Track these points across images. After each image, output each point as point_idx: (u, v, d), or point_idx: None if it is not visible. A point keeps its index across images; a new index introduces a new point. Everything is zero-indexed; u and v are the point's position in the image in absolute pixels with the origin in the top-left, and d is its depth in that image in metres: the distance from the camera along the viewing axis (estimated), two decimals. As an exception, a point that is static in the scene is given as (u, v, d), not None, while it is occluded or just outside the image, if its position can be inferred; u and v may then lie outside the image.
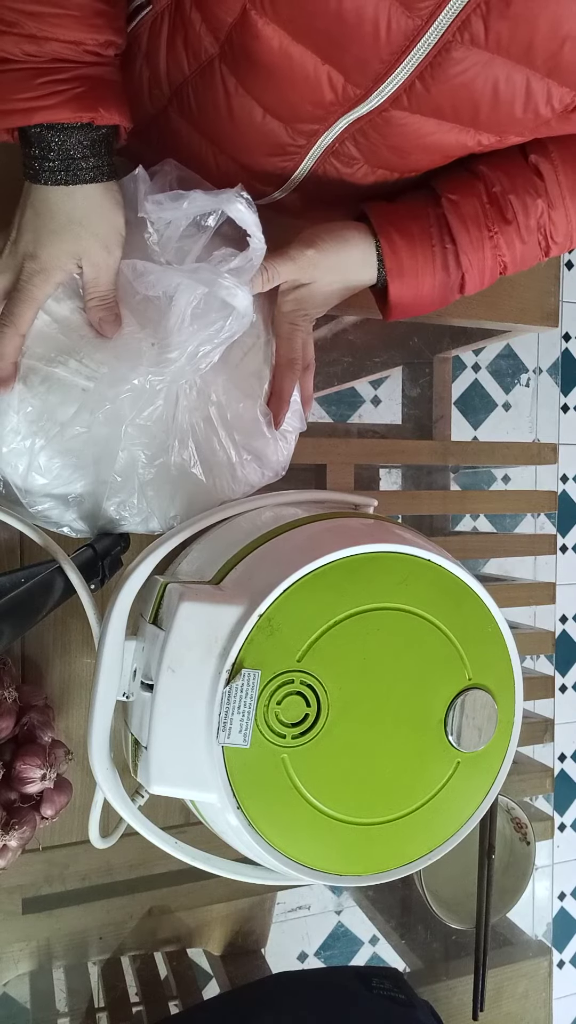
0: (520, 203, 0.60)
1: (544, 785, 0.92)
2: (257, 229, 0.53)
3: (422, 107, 0.51)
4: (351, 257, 0.60)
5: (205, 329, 0.53)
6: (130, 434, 0.55)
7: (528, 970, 0.87)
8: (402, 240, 0.59)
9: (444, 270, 0.61)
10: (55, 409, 0.54)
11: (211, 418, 0.59)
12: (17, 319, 0.52)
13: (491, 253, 0.61)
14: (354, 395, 1.72)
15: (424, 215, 0.60)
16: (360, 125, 0.53)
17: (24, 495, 0.57)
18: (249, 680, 0.46)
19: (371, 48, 0.47)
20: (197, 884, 0.75)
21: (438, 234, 0.60)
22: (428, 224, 0.60)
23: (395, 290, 0.61)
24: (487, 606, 0.53)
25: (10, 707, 0.59)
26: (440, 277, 0.61)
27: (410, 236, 0.59)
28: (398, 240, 0.59)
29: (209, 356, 0.55)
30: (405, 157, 0.57)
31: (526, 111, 0.51)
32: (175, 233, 0.55)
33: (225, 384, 0.59)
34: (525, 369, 1.92)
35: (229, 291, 0.52)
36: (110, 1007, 0.75)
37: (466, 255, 0.60)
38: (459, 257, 0.60)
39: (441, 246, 0.60)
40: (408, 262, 0.60)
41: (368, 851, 0.51)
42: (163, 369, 0.53)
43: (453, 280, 0.61)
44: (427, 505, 0.84)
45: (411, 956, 0.88)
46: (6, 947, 0.70)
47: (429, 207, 0.60)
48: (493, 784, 0.55)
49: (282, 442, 0.63)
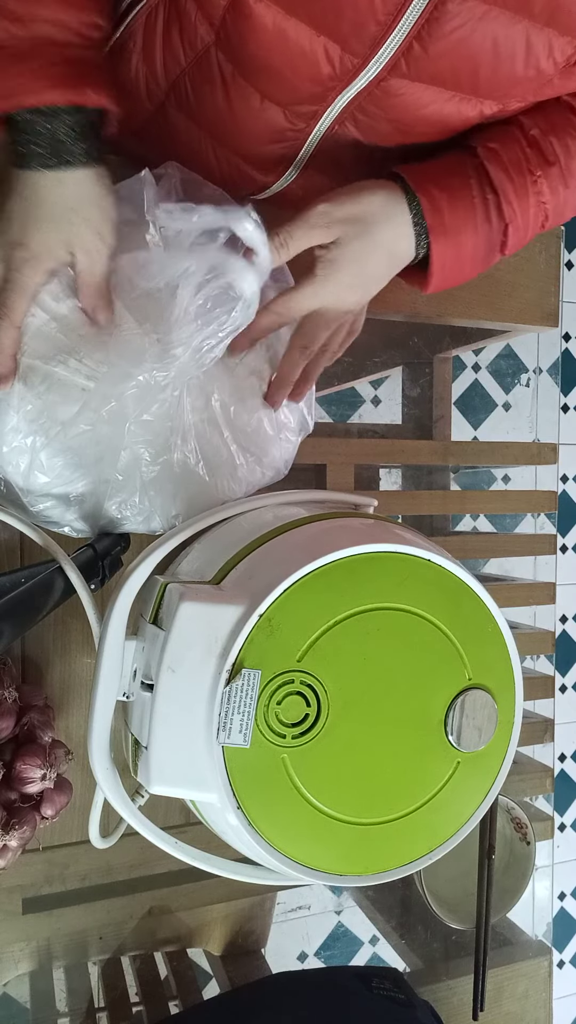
0: (561, 144, 0.57)
1: (544, 785, 0.92)
2: (264, 248, 0.52)
3: (420, 73, 0.50)
4: (372, 203, 0.55)
5: (209, 324, 0.53)
6: (133, 432, 0.55)
7: (528, 970, 0.87)
8: (442, 194, 0.55)
9: (487, 222, 0.57)
10: (55, 408, 0.54)
11: (215, 418, 0.59)
12: (10, 311, 0.51)
13: (534, 200, 0.58)
14: (354, 395, 1.72)
15: (460, 168, 0.57)
16: (359, 101, 0.52)
17: (25, 494, 0.57)
18: (249, 680, 0.46)
19: (367, 10, 0.46)
20: (197, 884, 0.75)
21: (478, 185, 0.56)
22: (467, 176, 0.56)
23: (438, 251, 0.56)
24: (487, 606, 0.53)
25: (10, 707, 0.59)
26: (483, 231, 0.57)
27: (450, 189, 0.56)
28: (437, 194, 0.55)
29: (214, 351, 0.54)
30: (406, 132, 0.55)
31: (527, 67, 0.49)
32: (185, 241, 0.54)
33: (228, 383, 0.59)
34: (525, 369, 1.92)
35: (240, 273, 0.51)
36: (110, 1007, 0.75)
37: (510, 204, 0.57)
38: (502, 208, 0.57)
39: (482, 197, 0.56)
40: (450, 217, 0.56)
41: (368, 851, 0.51)
42: (168, 365, 0.53)
43: (495, 234, 0.58)
44: (427, 505, 0.84)
45: (411, 956, 0.88)
46: (6, 947, 0.70)
47: (465, 159, 0.57)
48: (493, 784, 0.55)
49: (285, 442, 0.63)
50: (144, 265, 0.53)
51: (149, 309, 0.54)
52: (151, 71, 0.56)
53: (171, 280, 0.52)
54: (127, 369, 0.53)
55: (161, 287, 0.53)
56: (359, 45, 0.48)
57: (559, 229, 0.87)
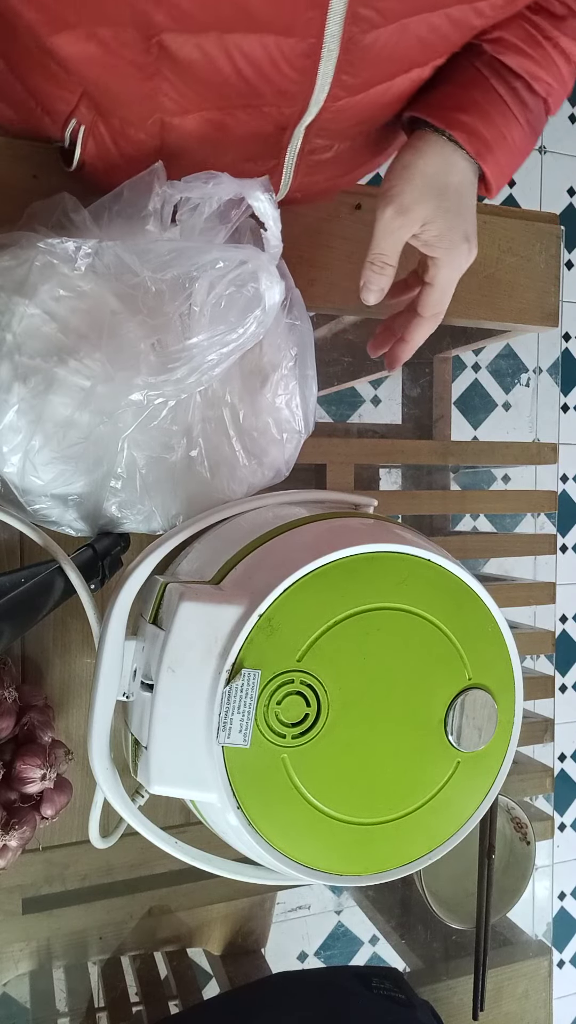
0: None
1: (544, 785, 0.92)
2: (276, 225, 0.52)
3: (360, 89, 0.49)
4: (420, 169, 0.53)
5: (225, 332, 0.51)
6: (134, 434, 0.55)
7: (528, 970, 0.87)
8: (470, 115, 0.53)
9: (524, 109, 0.55)
10: (55, 408, 0.54)
11: (222, 419, 0.58)
12: None
13: (562, 61, 0.54)
14: (354, 395, 1.72)
15: (475, 76, 0.54)
16: (314, 130, 0.53)
17: (23, 494, 0.56)
18: (249, 680, 0.46)
19: (280, 107, 0.49)
20: (197, 884, 0.75)
21: (500, 81, 0.54)
22: (484, 79, 0.53)
23: (491, 164, 0.55)
24: (487, 606, 0.53)
25: (10, 707, 0.59)
26: (524, 117, 0.55)
27: (475, 105, 0.53)
28: (466, 119, 0.53)
29: (219, 367, 0.52)
30: (383, 113, 0.55)
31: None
32: (199, 222, 0.54)
33: (238, 385, 0.59)
34: (525, 369, 1.92)
35: (269, 274, 0.50)
36: (110, 1007, 0.75)
37: (539, 80, 0.54)
38: (533, 88, 0.54)
39: (509, 90, 0.54)
40: (488, 132, 0.53)
41: (368, 851, 0.51)
42: (163, 384, 0.52)
43: (538, 111, 0.56)
44: (427, 505, 0.84)
45: (411, 956, 0.88)
46: (6, 947, 0.70)
47: (475, 63, 0.54)
48: (493, 784, 0.55)
49: (286, 443, 0.63)
50: (161, 255, 0.51)
51: (150, 303, 0.53)
52: (125, 158, 0.58)
53: (189, 270, 0.51)
54: (124, 383, 0.52)
55: (167, 279, 0.52)
56: (290, 112, 0.50)
57: (559, 229, 0.87)
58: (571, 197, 2.06)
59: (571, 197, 2.06)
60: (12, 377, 0.53)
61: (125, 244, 0.52)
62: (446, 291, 0.59)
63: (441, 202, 0.54)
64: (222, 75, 0.47)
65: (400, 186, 0.54)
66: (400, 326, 0.64)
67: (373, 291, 0.57)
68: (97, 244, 0.52)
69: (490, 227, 0.83)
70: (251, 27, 0.44)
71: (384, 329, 0.67)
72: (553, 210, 1.84)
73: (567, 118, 2.04)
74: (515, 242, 0.85)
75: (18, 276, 0.53)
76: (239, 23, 0.43)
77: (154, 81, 0.48)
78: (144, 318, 0.53)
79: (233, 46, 0.45)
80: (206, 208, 0.54)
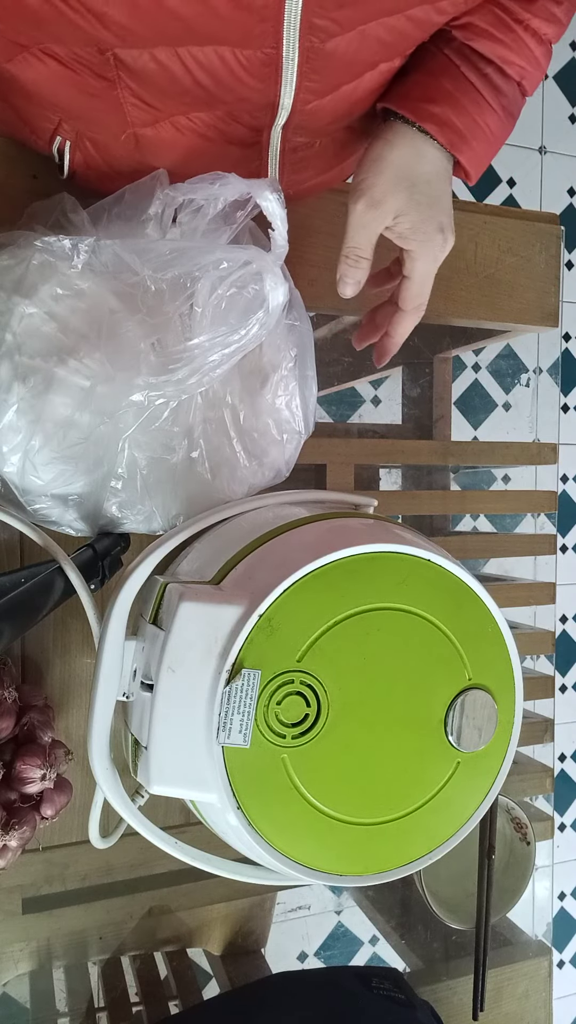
0: None
1: (544, 785, 0.92)
2: (283, 225, 0.51)
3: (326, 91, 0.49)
4: (391, 161, 0.53)
5: (227, 334, 0.51)
6: (134, 434, 0.55)
7: (528, 970, 0.87)
8: (441, 106, 0.52)
9: (497, 94, 0.54)
10: (55, 408, 0.54)
11: (223, 420, 0.58)
12: None
13: (534, 43, 0.53)
14: (354, 395, 1.72)
15: (444, 64, 0.53)
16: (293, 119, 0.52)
17: (23, 494, 0.56)
18: (249, 680, 0.46)
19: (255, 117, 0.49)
20: (197, 884, 0.75)
21: (471, 68, 0.53)
22: (454, 67, 0.53)
23: (466, 153, 0.54)
24: (487, 606, 0.53)
25: (10, 707, 0.59)
26: (498, 102, 0.54)
27: (446, 94, 0.52)
28: (437, 110, 0.52)
29: (220, 368, 0.52)
30: (361, 103, 0.54)
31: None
32: (201, 224, 0.54)
33: (238, 386, 0.58)
34: (525, 369, 1.91)
35: (274, 275, 0.49)
36: (110, 1007, 0.75)
37: (511, 64, 0.53)
38: (505, 72, 0.53)
39: (480, 76, 0.53)
40: (461, 121, 0.53)
41: (368, 851, 0.51)
42: (164, 384, 0.52)
43: (512, 94, 0.55)
44: (427, 505, 0.84)
45: (411, 956, 0.88)
46: (6, 947, 0.70)
47: (444, 50, 0.53)
48: (493, 784, 0.55)
49: (287, 444, 0.63)
50: (162, 254, 0.51)
51: (149, 302, 0.53)
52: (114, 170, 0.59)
53: (191, 270, 0.51)
54: (125, 383, 0.52)
55: (167, 278, 0.52)
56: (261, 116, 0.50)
57: (559, 229, 0.87)
58: (571, 197, 2.06)
59: (571, 197, 2.06)
60: (12, 377, 0.53)
61: (124, 243, 0.52)
62: (424, 283, 0.59)
63: (413, 194, 0.54)
64: (182, 85, 0.47)
65: (371, 179, 0.53)
66: (383, 319, 0.64)
67: (349, 284, 0.57)
68: (94, 242, 0.52)
69: (490, 227, 0.83)
70: (200, 40, 0.43)
71: (368, 321, 0.67)
72: (553, 210, 1.84)
73: (567, 118, 2.04)
74: (515, 242, 0.85)
75: (16, 275, 0.53)
76: (186, 38, 0.43)
77: (117, 91, 0.48)
78: (143, 317, 0.53)
79: (188, 57, 0.45)
80: (210, 209, 0.54)
